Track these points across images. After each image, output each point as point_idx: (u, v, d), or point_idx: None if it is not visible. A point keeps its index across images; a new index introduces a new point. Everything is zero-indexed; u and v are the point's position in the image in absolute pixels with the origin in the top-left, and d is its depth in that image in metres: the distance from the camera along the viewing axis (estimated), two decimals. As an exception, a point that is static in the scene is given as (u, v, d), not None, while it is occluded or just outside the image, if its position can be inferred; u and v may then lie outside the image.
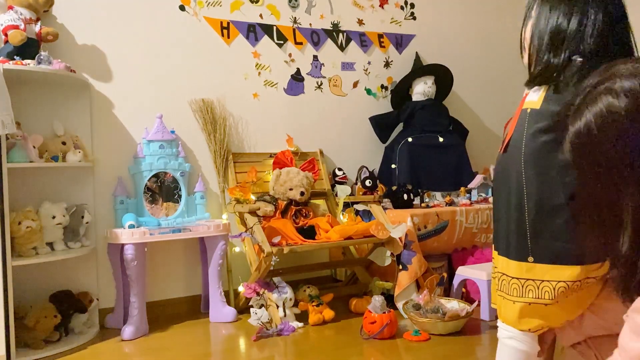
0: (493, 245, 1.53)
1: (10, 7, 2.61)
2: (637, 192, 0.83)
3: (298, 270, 3.22)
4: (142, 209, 2.93)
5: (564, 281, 1.31)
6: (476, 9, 4.26)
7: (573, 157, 0.91)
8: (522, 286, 1.38)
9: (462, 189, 3.49)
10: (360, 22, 3.77)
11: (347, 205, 3.31)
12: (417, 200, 3.29)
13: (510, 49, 4.31)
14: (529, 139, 1.37)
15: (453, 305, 2.70)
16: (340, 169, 3.54)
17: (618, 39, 1.36)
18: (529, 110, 1.40)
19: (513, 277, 1.40)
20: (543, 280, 1.34)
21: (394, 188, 3.32)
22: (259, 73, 3.43)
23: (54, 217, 2.57)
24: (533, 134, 1.36)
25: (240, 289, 2.96)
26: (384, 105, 3.83)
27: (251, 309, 2.82)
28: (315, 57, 3.60)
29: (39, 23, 2.68)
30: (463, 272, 2.92)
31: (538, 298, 1.35)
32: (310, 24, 3.59)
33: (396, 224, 3.00)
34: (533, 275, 1.36)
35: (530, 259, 1.36)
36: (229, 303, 2.98)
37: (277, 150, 3.30)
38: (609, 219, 0.88)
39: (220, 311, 2.89)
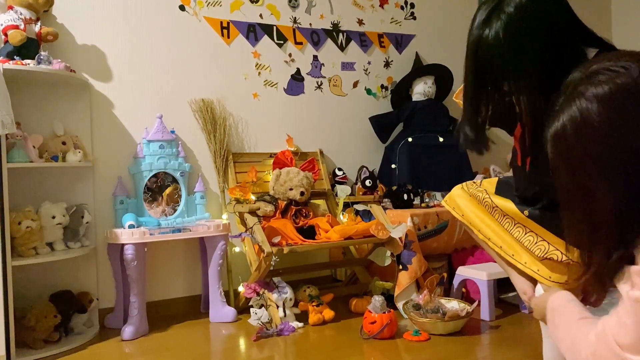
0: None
1: (10, 7, 2.61)
2: (605, 195, 0.86)
3: (298, 270, 3.22)
4: (142, 209, 2.93)
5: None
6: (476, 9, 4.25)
7: (550, 154, 0.94)
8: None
9: (462, 189, 3.49)
10: (360, 22, 3.77)
11: (347, 205, 3.30)
12: (417, 200, 3.29)
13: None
14: None
15: (453, 305, 2.70)
16: (340, 169, 3.54)
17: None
18: None
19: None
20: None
21: (394, 188, 3.33)
22: (259, 73, 3.43)
23: (54, 217, 2.57)
24: None
25: (240, 289, 2.96)
26: (384, 105, 3.83)
27: (251, 309, 2.82)
28: (315, 57, 3.60)
29: (39, 23, 2.68)
30: (463, 272, 2.92)
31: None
32: (310, 24, 3.59)
33: (396, 224, 3.00)
34: None
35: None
36: (229, 303, 2.98)
37: (277, 150, 3.30)
38: (581, 217, 0.92)
39: (220, 311, 2.89)
